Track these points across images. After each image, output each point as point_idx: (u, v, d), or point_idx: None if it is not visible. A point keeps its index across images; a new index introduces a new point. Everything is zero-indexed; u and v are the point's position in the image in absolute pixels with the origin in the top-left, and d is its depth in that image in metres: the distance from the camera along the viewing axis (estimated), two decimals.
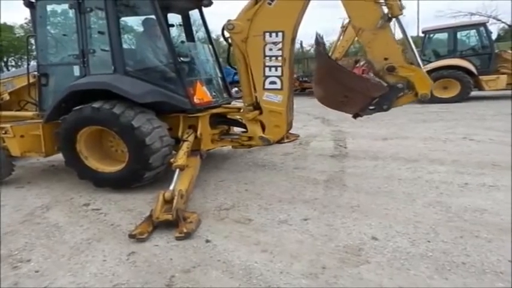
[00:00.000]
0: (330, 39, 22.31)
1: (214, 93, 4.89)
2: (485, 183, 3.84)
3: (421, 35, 13.11)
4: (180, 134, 4.44)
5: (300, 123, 8.80)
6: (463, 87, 10.74)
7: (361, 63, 19.14)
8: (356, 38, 16.64)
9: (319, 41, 3.81)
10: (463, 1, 26.96)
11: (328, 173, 4.52)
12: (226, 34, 4.22)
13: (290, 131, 5.78)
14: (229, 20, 4.15)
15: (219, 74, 5.28)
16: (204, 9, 5.10)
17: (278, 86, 4.10)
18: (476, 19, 19.40)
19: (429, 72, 11.11)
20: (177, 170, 3.60)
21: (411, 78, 3.73)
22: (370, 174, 4.41)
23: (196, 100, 4.37)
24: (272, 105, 4.17)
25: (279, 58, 4.03)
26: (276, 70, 4.06)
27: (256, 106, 4.57)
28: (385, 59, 3.71)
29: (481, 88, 10.96)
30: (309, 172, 4.64)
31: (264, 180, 4.39)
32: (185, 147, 4.03)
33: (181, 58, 4.47)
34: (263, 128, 4.49)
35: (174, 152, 4.15)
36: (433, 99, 11.06)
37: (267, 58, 4.06)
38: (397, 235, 2.82)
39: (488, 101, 10.80)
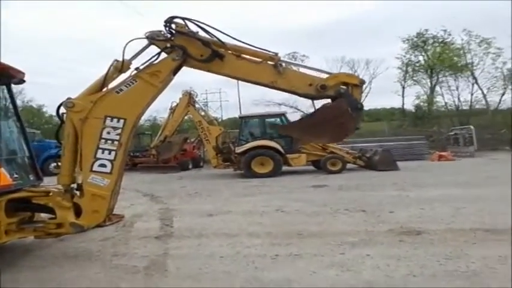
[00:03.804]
0: (164, 115, 22.87)
1: (16, 175, 4.19)
2: (291, 253, 4.31)
3: None
4: None
5: (127, 202, 8.31)
6: (275, 164, 12.56)
7: (192, 139, 20.22)
8: (185, 117, 17.86)
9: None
10: (273, 93, 32.35)
11: (150, 258, 4.27)
12: (62, 110, 4.05)
13: (114, 212, 5.38)
14: (69, 98, 3.99)
15: (27, 153, 4.64)
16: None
17: (108, 169, 3.97)
18: (278, 110, 23.88)
19: (247, 150, 12.70)
20: None
21: (341, 80, 4.36)
22: (193, 255, 4.38)
23: None
24: (96, 189, 3.95)
25: (115, 142, 3.98)
26: (110, 154, 3.96)
27: (73, 189, 4.20)
28: (310, 84, 4.30)
29: (289, 164, 13.00)
30: (129, 259, 4.28)
31: (72, 276, 3.77)
32: None
33: None
34: (77, 212, 4.08)
35: None
36: (254, 174, 12.46)
37: (103, 141, 3.95)
38: None
39: (296, 175, 12.77)
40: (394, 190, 8.71)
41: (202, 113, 17.19)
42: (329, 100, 4.56)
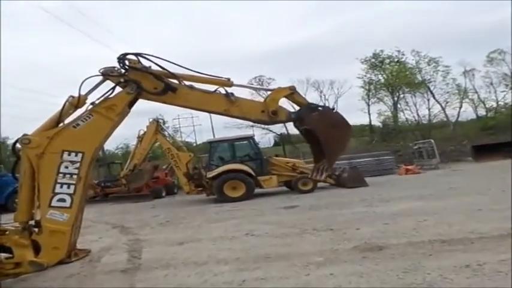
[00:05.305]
0: (134, 142, 22.66)
1: None
2: (258, 277, 4.35)
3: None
4: None
5: (95, 235, 8.13)
6: (247, 187, 12.62)
7: (164, 167, 20.01)
8: (155, 144, 17.76)
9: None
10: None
11: None
12: (18, 146, 4.07)
13: (81, 247, 5.26)
14: (25, 135, 3.99)
15: None
16: None
17: (67, 204, 3.95)
18: (246, 133, 21.32)
19: (218, 175, 12.72)
20: None
21: (278, 98, 4.81)
22: (160, 286, 4.34)
23: None
24: (55, 224, 3.92)
25: (74, 176, 3.98)
26: (69, 188, 3.95)
27: (31, 226, 4.14)
28: (262, 111, 4.63)
29: (260, 187, 13.11)
30: None
31: None
32: None
33: None
34: (37, 250, 4.01)
35: None
36: (227, 199, 12.45)
37: (61, 175, 3.95)
38: None
39: (270, 197, 12.86)
40: (362, 207, 8.94)
41: (171, 140, 17.15)
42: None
